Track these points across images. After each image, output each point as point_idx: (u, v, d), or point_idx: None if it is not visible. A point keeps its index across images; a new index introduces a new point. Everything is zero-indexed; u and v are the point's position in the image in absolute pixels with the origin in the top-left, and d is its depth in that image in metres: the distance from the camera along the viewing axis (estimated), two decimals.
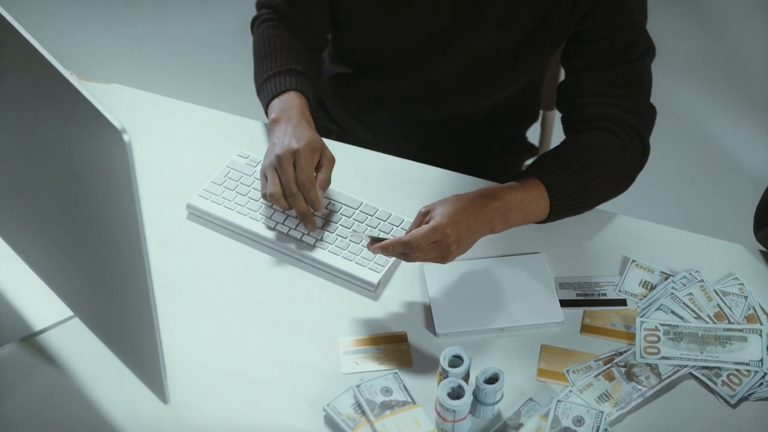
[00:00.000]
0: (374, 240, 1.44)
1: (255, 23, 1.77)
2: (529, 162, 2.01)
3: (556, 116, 1.94)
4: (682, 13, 3.30)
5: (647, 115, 1.63)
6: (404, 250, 1.42)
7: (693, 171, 2.91)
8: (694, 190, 2.87)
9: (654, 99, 1.65)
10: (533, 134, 2.01)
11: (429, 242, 1.42)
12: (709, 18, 3.31)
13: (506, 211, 1.49)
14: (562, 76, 1.91)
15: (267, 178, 1.54)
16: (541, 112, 2.00)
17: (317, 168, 1.55)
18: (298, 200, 1.52)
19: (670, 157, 2.90)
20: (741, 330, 1.45)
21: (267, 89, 1.65)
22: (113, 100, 1.76)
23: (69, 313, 1.45)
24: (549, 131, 2.04)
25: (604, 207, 1.62)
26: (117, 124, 1.02)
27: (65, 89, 1.06)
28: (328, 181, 1.55)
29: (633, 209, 1.74)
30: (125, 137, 1.02)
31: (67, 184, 1.16)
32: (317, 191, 1.53)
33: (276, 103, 1.62)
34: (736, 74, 3.15)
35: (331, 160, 1.57)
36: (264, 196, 1.55)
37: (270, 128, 1.60)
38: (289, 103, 1.62)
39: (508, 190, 1.51)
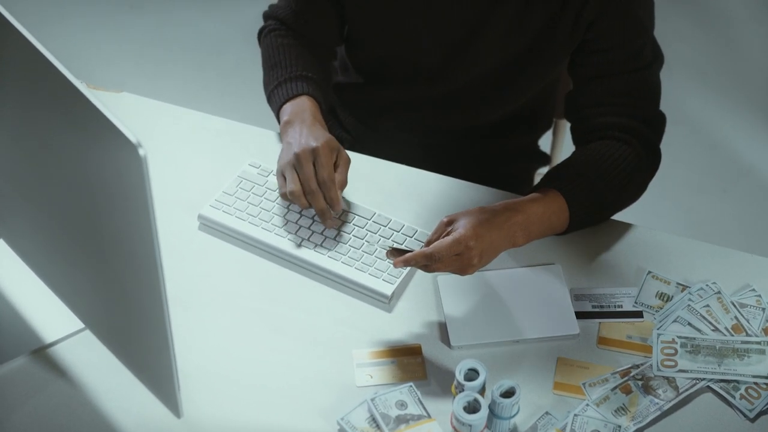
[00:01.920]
0: (394, 251, 1.43)
1: (262, 34, 1.77)
2: (541, 170, 2.00)
3: (568, 125, 1.92)
4: (689, 17, 3.29)
5: (658, 123, 1.62)
6: (426, 262, 1.40)
7: (702, 178, 2.90)
8: (704, 198, 2.85)
9: (661, 105, 1.64)
10: (545, 142, 2.00)
11: (452, 254, 1.40)
12: (716, 22, 3.30)
13: (528, 225, 1.48)
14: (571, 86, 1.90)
15: (284, 177, 1.54)
16: (553, 120, 1.98)
17: (334, 168, 1.55)
18: (318, 198, 1.52)
19: (679, 164, 2.88)
20: (759, 343, 1.43)
21: (278, 94, 1.64)
22: (123, 109, 1.75)
23: (80, 325, 1.44)
24: (561, 140, 2.02)
25: (618, 217, 1.61)
26: (132, 139, 1.01)
27: (79, 102, 1.05)
28: (345, 182, 1.55)
29: (642, 218, 1.73)
30: (141, 151, 1.01)
31: (81, 196, 1.14)
32: (337, 190, 1.52)
33: (288, 107, 1.62)
34: (744, 79, 3.14)
35: (347, 161, 1.57)
36: (283, 195, 1.54)
37: (283, 130, 1.59)
38: (301, 106, 1.61)
39: (530, 203, 1.50)
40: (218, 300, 1.50)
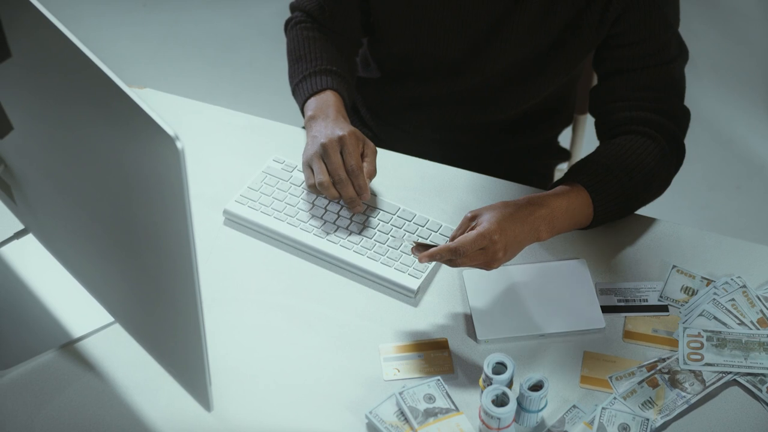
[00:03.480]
0: (419, 246, 1.43)
1: (288, 25, 1.77)
2: (561, 166, 2.00)
3: (588, 120, 1.93)
4: (704, 15, 3.29)
5: (682, 118, 1.62)
6: (451, 257, 1.41)
7: (717, 174, 2.90)
8: (718, 194, 2.85)
9: None
10: (564, 138, 2.00)
11: (476, 248, 1.41)
12: (730, 20, 3.30)
13: (552, 219, 1.48)
14: (594, 81, 1.90)
15: (312, 169, 1.54)
16: (573, 116, 1.99)
17: (362, 158, 1.55)
18: (347, 186, 1.52)
19: (694, 160, 2.87)
20: None
21: (303, 88, 1.65)
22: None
23: (109, 319, 1.45)
24: (581, 135, 2.02)
25: (641, 212, 1.61)
26: (170, 132, 1.01)
27: (117, 97, 1.06)
28: (374, 171, 1.56)
29: (657, 214, 1.73)
30: (178, 144, 1.01)
31: (117, 190, 1.15)
32: (365, 177, 1.53)
33: (312, 102, 1.62)
34: (758, 75, 3.14)
35: (374, 151, 1.57)
36: (311, 186, 1.54)
37: (307, 125, 1.60)
38: (326, 101, 1.61)
39: (554, 197, 1.50)
40: (244, 295, 1.51)
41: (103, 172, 1.15)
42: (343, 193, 1.53)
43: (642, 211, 1.62)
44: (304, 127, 1.66)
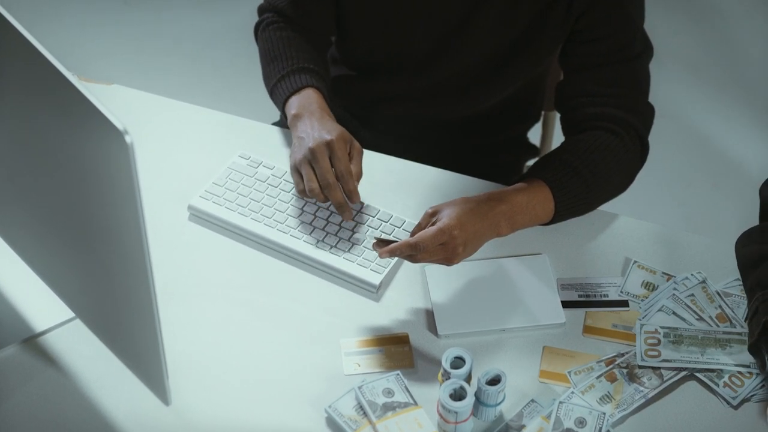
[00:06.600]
0: (380, 242, 1.44)
1: (259, 28, 1.76)
2: (530, 162, 2.01)
3: (558, 117, 1.93)
4: (682, 11, 3.30)
5: (646, 114, 1.63)
6: (411, 252, 1.41)
7: (693, 171, 2.91)
8: (695, 191, 2.86)
9: (653, 98, 1.65)
10: (534, 134, 2.01)
11: (436, 244, 1.41)
12: (708, 17, 3.31)
13: (513, 214, 1.49)
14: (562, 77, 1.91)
15: (300, 174, 1.53)
16: (542, 112, 1.99)
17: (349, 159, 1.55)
18: (336, 191, 1.51)
19: (670, 157, 2.89)
20: (740, 333, 1.44)
21: (282, 88, 1.64)
22: (114, 100, 1.76)
23: (70, 314, 1.45)
24: (550, 132, 2.03)
25: (605, 208, 1.62)
26: (119, 126, 1.02)
27: (67, 90, 1.06)
28: (360, 173, 1.54)
29: (633, 210, 1.75)
30: (127, 138, 1.02)
31: (69, 184, 1.15)
32: (354, 182, 1.52)
33: (294, 100, 1.61)
34: (736, 73, 3.15)
35: (360, 151, 1.56)
36: (301, 191, 1.53)
37: (292, 124, 1.58)
38: (308, 98, 1.61)
39: (514, 192, 1.51)
40: (207, 290, 1.51)
41: (56, 166, 1.16)
42: (331, 198, 1.51)
43: (617, 208, 1.63)
44: (287, 127, 1.64)
